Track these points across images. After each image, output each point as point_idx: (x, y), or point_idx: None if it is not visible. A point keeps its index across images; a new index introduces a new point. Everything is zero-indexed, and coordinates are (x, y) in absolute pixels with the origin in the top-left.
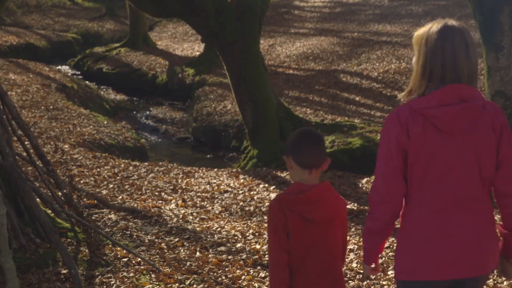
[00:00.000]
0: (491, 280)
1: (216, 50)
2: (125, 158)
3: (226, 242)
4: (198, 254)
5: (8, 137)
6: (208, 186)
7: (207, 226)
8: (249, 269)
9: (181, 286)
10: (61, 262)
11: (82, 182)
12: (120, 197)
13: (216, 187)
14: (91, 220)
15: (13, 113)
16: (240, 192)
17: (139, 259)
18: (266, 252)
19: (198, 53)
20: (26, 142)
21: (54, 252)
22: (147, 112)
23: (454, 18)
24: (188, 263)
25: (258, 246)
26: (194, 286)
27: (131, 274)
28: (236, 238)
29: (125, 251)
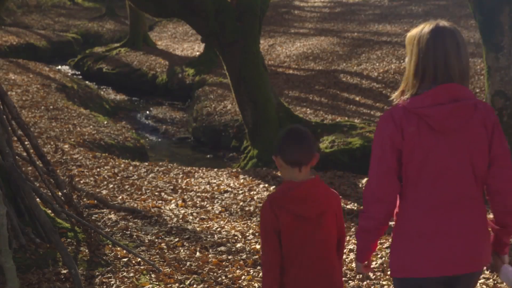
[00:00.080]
0: (491, 280)
1: (216, 50)
2: (125, 158)
3: (226, 242)
4: (198, 254)
5: (8, 137)
6: (208, 186)
7: (207, 226)
8: (249, 269)
9: (181, 286)
10: (61, 262)
11: (82, 182)
12: (120, 197)
13: (216, 187)
14: (91, 220)
15: (13, 113)
16: (240, 192)
17: (139, 259)
18: None
19: (198, 53)
20: (26, 142)
21: (54, 252)
22: (147, 112)
23: (454, 18)
24: (188, 263)
25: (258, 246)
26: (194, 286)
27: (131, 274)
28: (236, 238)
29: (125, 251)
